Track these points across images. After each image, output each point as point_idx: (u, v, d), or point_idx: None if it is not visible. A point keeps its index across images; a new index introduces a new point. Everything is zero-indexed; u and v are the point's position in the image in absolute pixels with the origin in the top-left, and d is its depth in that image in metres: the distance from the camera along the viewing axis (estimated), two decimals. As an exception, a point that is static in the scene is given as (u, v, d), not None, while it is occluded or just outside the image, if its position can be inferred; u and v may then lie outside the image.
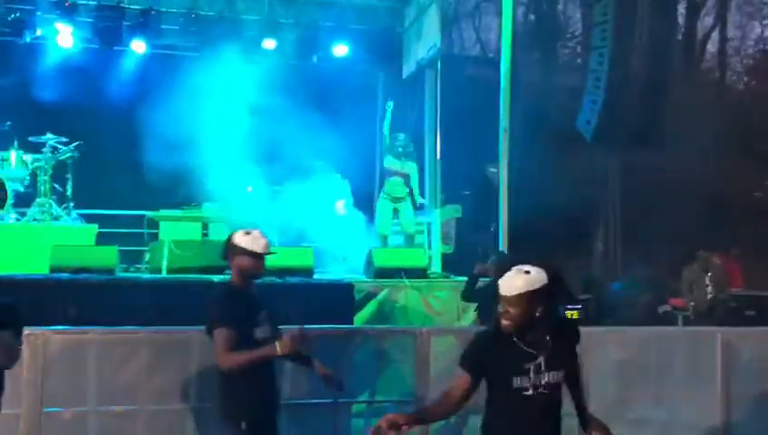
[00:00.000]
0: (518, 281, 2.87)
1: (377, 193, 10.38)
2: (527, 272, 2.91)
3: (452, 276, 8.32)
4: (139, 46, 10.08)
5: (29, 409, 3.68)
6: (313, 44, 10.71)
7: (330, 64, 10.92)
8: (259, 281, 4.19)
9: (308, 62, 10.91)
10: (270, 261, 7.23)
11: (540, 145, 8.32)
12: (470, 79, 10.82)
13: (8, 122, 8.64)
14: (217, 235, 8.77)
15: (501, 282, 2.92)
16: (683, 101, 8.00)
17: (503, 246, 7.84)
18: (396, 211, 8.56)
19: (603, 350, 4.90)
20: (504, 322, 2.92)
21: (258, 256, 3.52)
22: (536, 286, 2.87)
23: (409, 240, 8.69)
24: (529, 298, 2.86)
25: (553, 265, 3.01)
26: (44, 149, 8.65)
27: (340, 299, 7.04)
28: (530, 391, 2.90)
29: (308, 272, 7.54)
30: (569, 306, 7.45)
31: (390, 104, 8.75)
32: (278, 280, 7.04)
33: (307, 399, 4.50)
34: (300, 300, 6.42)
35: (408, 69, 10.74)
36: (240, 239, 3.51)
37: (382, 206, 8.60)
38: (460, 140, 9.71)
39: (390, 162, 8.55)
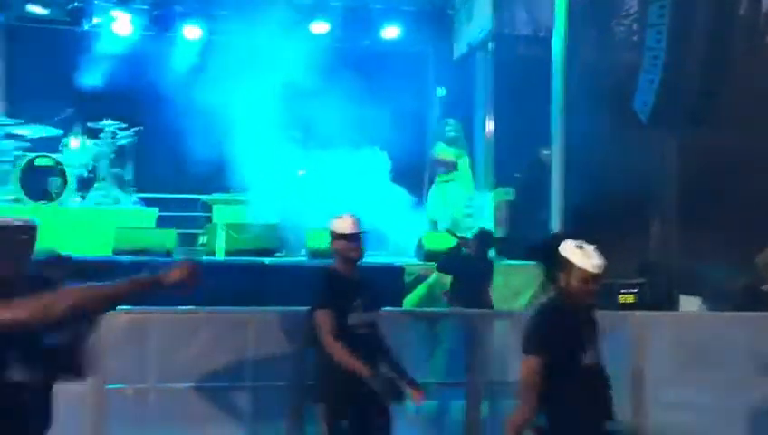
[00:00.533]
0: (601, 259, 2.91)
1: (427, 177, 10.39)
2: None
3: (504, 260, 8.28)
4: (192, 32, 10.26)
5: (94, 385, 3.85)
6: (364, 27, 10.72)
7: (380, 47, 10.92)
8: (310, 263, 4.26)
9: (358, 44, 10.93)
10: (317, 243, 7.35)
11: (594, 126, 8.14)
12: (522, 59, 10.64)
13: (70, 109, 8.93)
14: (266, 219, 8.94)
15: (591, 261, 2.91)
16: (745, 79, 7.71)
17: (556, 229, 7.76)
18: (445, 195, 8.59)
19: (659, 334, 4.83)
20: (589, 300, 2.92)
21: (350, 238, 3.61)
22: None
23: (456, 224, 8.70)
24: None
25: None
26: (104, 135, 8.93)
27: (390, 282, 7.09)
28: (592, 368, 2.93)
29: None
30: (623, 290, 7.33)
31: (441, 91, 8.75)
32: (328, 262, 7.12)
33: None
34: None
35: (458, 50, 10.64)
36: (333, 224, 3.66)
37: (434, 191, 8.63)
38: (512, 122, 9.60)
39: (441, 150, 8.57)
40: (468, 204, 9.03)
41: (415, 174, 10.43)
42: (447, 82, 10.81)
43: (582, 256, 3.00)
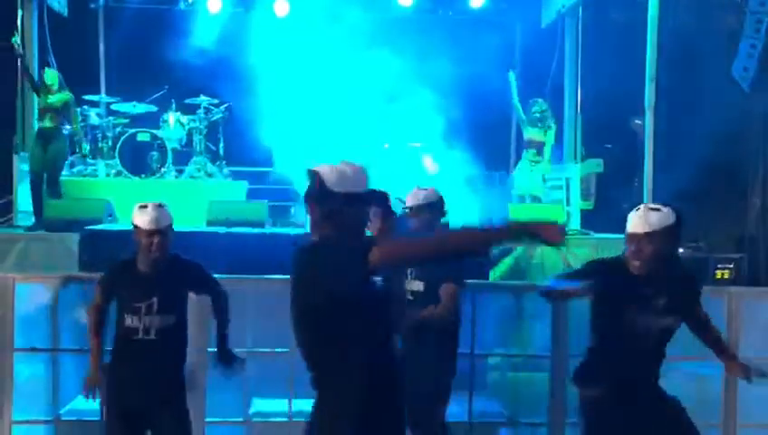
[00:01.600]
0: (652, 217, 2.82)
1: (513, 150, 10.27)
2: (657, 209, 2.86)
3: (592, 233, 8.12)
4: (281, 8, 10.43)
5: (197, 349, 4.08)
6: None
7: (466, 17, 10.79)
8: None
9: (444, 15, 10.84)
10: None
11: (690, 94, 7.81)
12: (614, 24, 10.27)
13: (165, 86, 9.31)
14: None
15: (634, 218, 2.87)
16: None
17: (647, 201, 7.53)
18: (533, 172, 8.54)
19: (755, 310, 4.65)
20: (635, 262, 2.88)
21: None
22: (668, 223, 2.86)
23: (536, 201, 8.63)
24: (662, 236, 2.86)
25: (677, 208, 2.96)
26: (198, 111, 9.28)
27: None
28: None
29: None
30: (720, 266, 7.07)
31: (512, 74, 8.63)
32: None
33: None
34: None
35: (547, 18, 10.39)
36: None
37: (522, 167, 8.61)
38: (602, 91, 9.31)
39: (530, 132, 8.52)
40: (552, 176, 8.89)
41: (501, 147, 10.35)
42: (535, 51, 10.58)
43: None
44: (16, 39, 8.01)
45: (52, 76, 7.96)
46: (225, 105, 9.46)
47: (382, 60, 9.28)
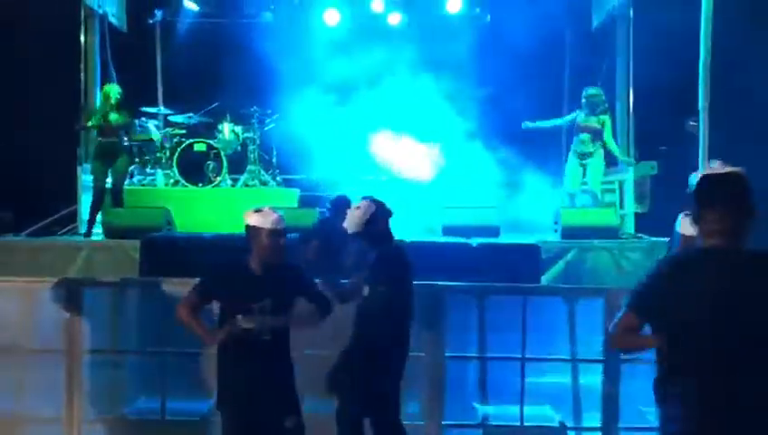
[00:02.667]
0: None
1: (564, 151, 10.18)
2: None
3: (646, 237, 8.00)
4: (332, 17, 10.59)
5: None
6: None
7: (514, 21, 10.77)
8: (443, 241, 4.25)
9: (493, 19, 10.86)
10: (455, 220, 7.43)
11: (745, 94, 7.62)
12: (666, 23, 10.11)
13: (216, 102, 9.57)
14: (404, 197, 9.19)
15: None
16: None
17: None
18: (583, 168, 8.41)
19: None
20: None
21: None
22: None
23: (595, 199, 8.49)
24: None
25: None
26: (252, 121, 9.53)
27: (527, 260, 7.04)
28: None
29: (494, 231, 7.65)
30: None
31: (527, 124, 8.53)
32: (464, 240, 7.22)
33: (495, 353, 4.65)
34: (486, 260, 6.54)
35: (597, 18, 10.29)
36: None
37: (570, 163, 8.48)
38: (655, 92, 9.18)
39: (582, 118, 8.41)
40: (605, 179, 8.79)
41: (551, 148, 10.27)
42: (585, 53, 10.49)
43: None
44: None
45: (114, 92, 8.25)
46: (277, 115, 9.69)
47: (434, 64, 9.39)
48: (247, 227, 3.64)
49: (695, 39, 7.58)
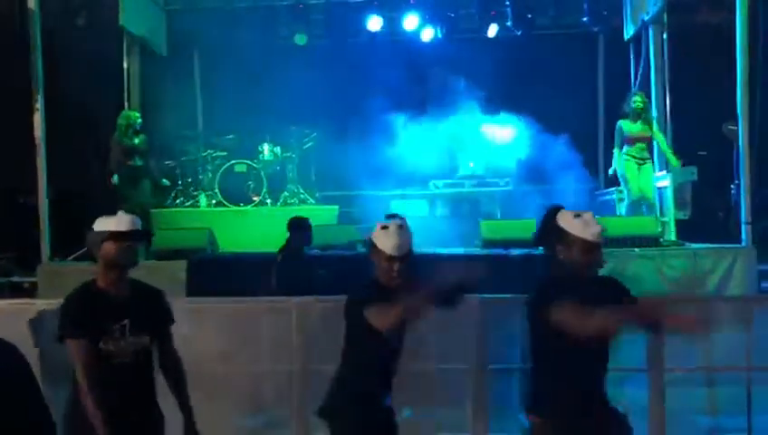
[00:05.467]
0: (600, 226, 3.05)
1: (602, 157, 10.14)
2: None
3: (687, 244, 7.92)
4: (374, 24, 10.69)
5: (299, 366, 4.32)
6: (533, 10, 10.67)
7: (550, 31, 10.82)
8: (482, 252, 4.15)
9: (526, 33, 10.91)
10: (494, 233, 7.44)
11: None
12: (702, 28, 10.04)
13: (230, 135, 9.76)
14: (442, 211, 9.30)
15: (590, 230, 3.00)
16: None
17: (745, 209, 7.31)
18: (639, 172, 8.19)
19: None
20: (592, 271, 3.06)
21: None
22: None
23: (651, 207, 8.30)
24: None
25: None
26: (290, 140, 9.72)
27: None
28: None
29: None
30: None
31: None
32: (503, 252, 7.25)
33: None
34: (523, 270, 6.56)
35: (631, 26, 10.27)
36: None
37: (630, 168, 8.20)
38: (692, 97, 9.13)
39: (629, 127, 8.24)
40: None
41: (589, 153, 10.26)
42: (619, 60, 10.48)
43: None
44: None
45: (136, 117, 8.58)
46: (314, 134, 9.87)
47: (474, 82, 9.48)
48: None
49: (731, 42, 7.53)
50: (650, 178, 8.30)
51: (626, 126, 8.24)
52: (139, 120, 8.57)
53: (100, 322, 3.06)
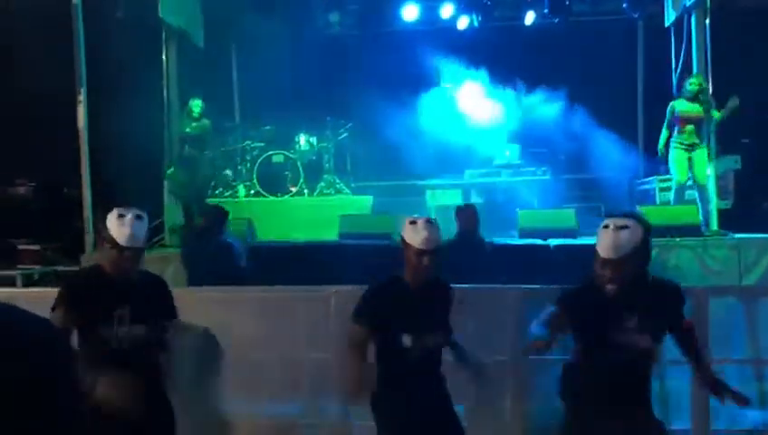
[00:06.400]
0: (622, 239, 2.81)
1: (641, 146, 9.98)
2: (625, 226, 2.79)
3: (730, 234, 7.76)
4: (410, 13, 10.66)
5: (337, 354, 4.34)
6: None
7: (587, 18, 10.67)
8: (520, 242, 4.11)
9: (565, 20, 10.77)
10: (531, 222, 7.38)
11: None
12: (745, 13, 9.80)
13: (267, 126, 9.77)
14: (476, 200, 9.27)
15: (605, 240, 2.83)
16: None
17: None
18: (690, 160, 7.88)
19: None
20: (610, 286, 2.84)
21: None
22: (637, 241, 2.81)
23: (703, 191, 7.97)
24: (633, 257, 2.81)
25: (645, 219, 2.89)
26: (326, 131, 9.76)
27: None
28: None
29: (572, 233, 7.58)
30: None
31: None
32: (541, 241, 7.20)
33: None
34: (564, 261, 6.50)
35: (671, 13, 10.06)
36: None
37: (678, 155, 7.89)
38: (735, 84, 8.90)
39: (685, 107, 7.93)
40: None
41: (628, 147, 10.11)
42: (660, 48, 10.30)
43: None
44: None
45: (195, 105, 8.62)
46: (350, 125, 9.90)
47: (510, 71, 9.39)
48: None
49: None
50: (703, 164, 7.91)
51: (678, 105, 7.93)
52: (197, 109, 8.63)
53: (98, 305, 3.03)
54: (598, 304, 2.86)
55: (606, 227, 2.84)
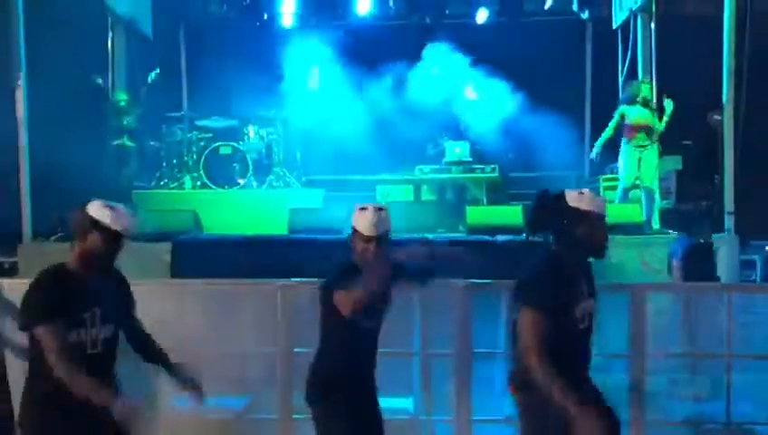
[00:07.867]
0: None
1: (588, 145, 10.18)
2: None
3: (671, 233, 7.98)
4: (363, 6, 10.62)
5: (283, 348, 4.31)
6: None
7: (539, 18, 10.83)
8: (467, 238, 4.19)
9: (515, 20, 10.91)
10: (479, 219, 7.44)
11: (769, 87, 7.61)
12: (689, 17, 10.10)
13: (215, 117, 9.65)
14: (427, 196, 9.33)
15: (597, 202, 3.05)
16: None
17: (728, 199, 7.37)
18: (639, 161, 8.02)
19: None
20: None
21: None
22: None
23: (649, 192, 8.16)
24: None
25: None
26: (276, 123, 9.66)
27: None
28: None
29: (519, 230, 7.67)
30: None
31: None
32: (489, 238, 7.26)
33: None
34: (510, 259, 6.56)
35: (618, 16, 10.31)
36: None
37: (629, 154, 8.02)
38: (678, 87, 9.16)
39: (637, 115, 7.98)
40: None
41: (575, 145, 10.30)
42: (607, 49, 10.53)
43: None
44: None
45: (120, 96, 8.55)
46: (300, 116, 9.82)
47: (463, 69, 9.46)
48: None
49: (718, 32, 7.56)
50: (652, 164, 8.08)
51: (630, 112, 8.03)
52: (122, 102, 8.51)
53: (71, 309, 2.92)
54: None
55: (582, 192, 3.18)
